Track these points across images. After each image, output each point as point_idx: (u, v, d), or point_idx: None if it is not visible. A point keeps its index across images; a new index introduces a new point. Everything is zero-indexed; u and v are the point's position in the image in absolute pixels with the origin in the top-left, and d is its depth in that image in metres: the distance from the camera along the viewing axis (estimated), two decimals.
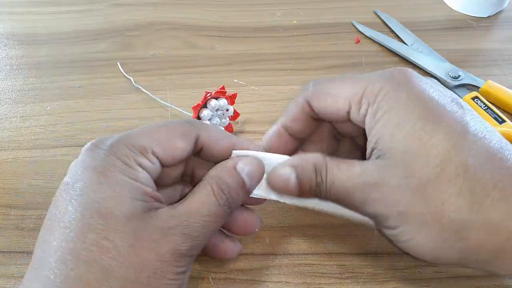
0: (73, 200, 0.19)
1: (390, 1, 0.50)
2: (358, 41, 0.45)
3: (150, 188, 0.21)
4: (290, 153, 0.26)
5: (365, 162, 0.22)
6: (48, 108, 0.38)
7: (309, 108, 0.25)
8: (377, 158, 0.22)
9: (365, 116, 0.22)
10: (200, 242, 0.21)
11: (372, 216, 0.22)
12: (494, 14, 0.48)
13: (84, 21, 0.48)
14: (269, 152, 0.25)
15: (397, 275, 0.27)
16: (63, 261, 0.18)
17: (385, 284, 0.27)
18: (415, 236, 0.20)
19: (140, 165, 0.21)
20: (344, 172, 0.22)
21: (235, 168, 0.23)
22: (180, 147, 0.22)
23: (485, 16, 0.48)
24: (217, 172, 0.23)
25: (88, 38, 0.46)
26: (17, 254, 0.29)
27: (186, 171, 0.25)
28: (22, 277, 0.27)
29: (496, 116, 0.35)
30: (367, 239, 0.29)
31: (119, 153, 0.20)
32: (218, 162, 0.24)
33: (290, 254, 0.28)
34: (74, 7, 0.50)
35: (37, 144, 0.35)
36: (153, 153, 0.21)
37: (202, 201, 0.21)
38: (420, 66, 0.41)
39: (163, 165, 0.22)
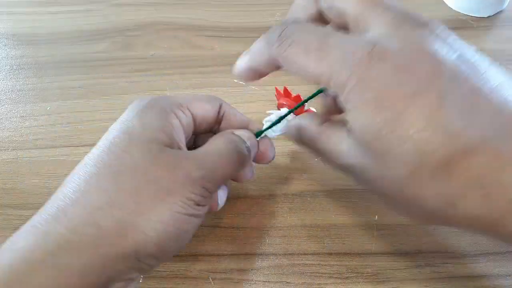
0: (112, 128, 0.23)
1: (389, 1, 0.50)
2: None
3: (179, 134, 0.23)
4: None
5: None
6: (48, 108, 0.38)
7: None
8: None
9: None
10: (211, 175, 0.22)
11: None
12: (494, 14, 0.48)
13: (84, 21, 0.48)
14: None
15: (397, 275, 0.27)
16: (85, 166, 0.21)
17: (385, 284, 0.27)
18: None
19: (175, 114, 0.24)
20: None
21: (233, 132, 0.26)
22: (208, 108, 0.26)
23: (485, 16, 0.48)
24: (222, 133, 0.26)
25: (88, 38, 0.46)
26: None
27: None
28: None
29: None
30: (367, 239, 0.29)
31: (160, 101, 0.24)
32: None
33: (290, 254, 0.28)
34: (74, 7, 0.50)
35: (37, 144, 0.35)
36: (188, 109, 0.25)
37: (215, 146, 0.24)
38: None
39: (195, 120, 0.25)
